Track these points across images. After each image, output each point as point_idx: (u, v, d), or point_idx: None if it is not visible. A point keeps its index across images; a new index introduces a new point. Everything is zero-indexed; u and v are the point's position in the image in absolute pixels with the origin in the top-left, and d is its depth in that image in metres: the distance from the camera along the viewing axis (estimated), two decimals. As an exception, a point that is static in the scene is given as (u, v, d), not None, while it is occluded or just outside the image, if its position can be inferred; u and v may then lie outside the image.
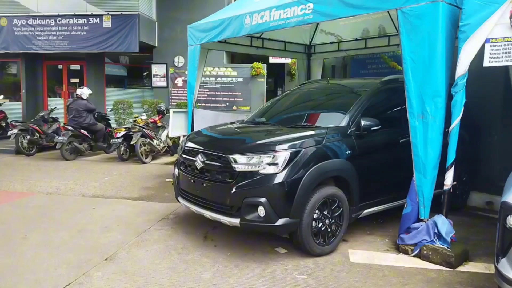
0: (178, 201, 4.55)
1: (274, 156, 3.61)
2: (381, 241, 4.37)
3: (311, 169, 3.68)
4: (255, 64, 12.03)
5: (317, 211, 3.78)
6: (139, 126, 9.31)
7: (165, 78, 12.83)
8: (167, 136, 10.27)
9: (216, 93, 12.43)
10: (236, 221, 3.70)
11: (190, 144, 4.32)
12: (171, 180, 7.17)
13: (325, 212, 3.88)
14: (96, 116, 10.23)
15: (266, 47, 8.33)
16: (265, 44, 8.30)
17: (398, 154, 4.41)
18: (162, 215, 5.15)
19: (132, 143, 9.04)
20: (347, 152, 4.03)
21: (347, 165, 3.99)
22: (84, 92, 10.02)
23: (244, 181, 3.65)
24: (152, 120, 10.11)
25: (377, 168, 4.35)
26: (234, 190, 3.67)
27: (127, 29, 11.57)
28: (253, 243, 4.21)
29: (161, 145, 9.82)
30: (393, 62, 8.23)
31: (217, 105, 12.16)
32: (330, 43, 8.67)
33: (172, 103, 12.41)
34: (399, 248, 4.08)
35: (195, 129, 7.26)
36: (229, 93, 12.31)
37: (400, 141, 4.49)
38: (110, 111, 11.12)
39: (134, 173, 7.94)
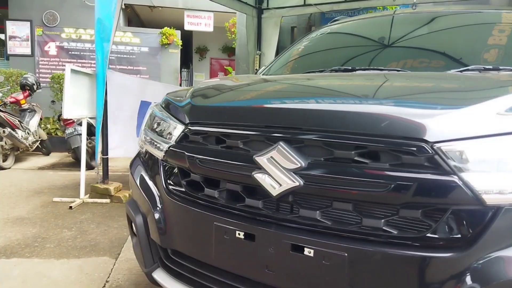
0: (156, 283, 1.57)
1: None
2: None
3: None
4: (166, 29, 8.95)
5: None
6: (-10, 107, 5.53)
7: (29, 43, 8.79)
8: (40, 123, 6.61)
9: (110, 66, 8.93)
10: None
11: (226, 116, 1.38)
12: (64, 199, 3.88)
13: None
14: None
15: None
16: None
17: None
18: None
19: (-24, 134, 5.26)
20: None
21: None
22: None
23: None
24: (12, 100, 6.27)
25: None
26: (469, 280, 0.96)
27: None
28: None
29: (30, 138, 6.16)
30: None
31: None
32: (293, -6, 6.28)
33: (42, 79, 8.48)
34: None
35: (113, 107, 4.11)
36: (129, 68, 9.00)
37: None
38: None
39: (-15, 189, 4.33)
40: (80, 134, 5.65)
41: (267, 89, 1.62)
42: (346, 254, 1.07)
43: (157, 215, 1.48)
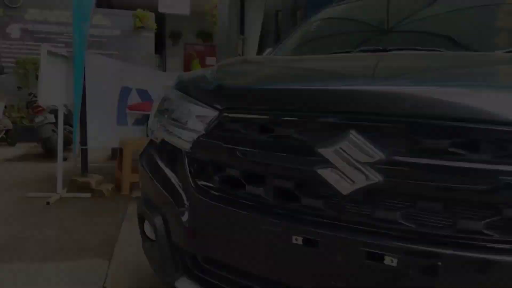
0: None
1: None
2: None
3: None
4: (139, 12, 8.49)
5: None
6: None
7: (-12, 24, 8.11)
8: (4, 111, 6.13)
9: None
10: None
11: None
12: (40, 194, 3.51)
13: None
14: None
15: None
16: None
17: None
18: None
19: None
20: None
21: None
22: None
23: None
24: (-28, 85, 5.76)
25: None
26: None
27: None
28: None
29: (-6, 127, 5.69)
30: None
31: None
32: (278, -24, 6.06)
33: (3, 64, 7.85)
34: None
35: (92, 94, 3.78)
36: (98, 52, 8.38)
37: None
38: None
39: None
40: (51, 123, 5.25)
41: (323, 67, 1.39)
42: (439, 263, 0.89)
43: (183, 217, 1.26)
